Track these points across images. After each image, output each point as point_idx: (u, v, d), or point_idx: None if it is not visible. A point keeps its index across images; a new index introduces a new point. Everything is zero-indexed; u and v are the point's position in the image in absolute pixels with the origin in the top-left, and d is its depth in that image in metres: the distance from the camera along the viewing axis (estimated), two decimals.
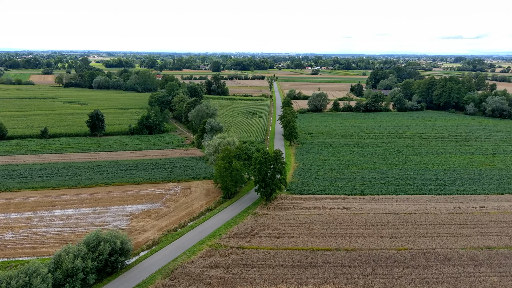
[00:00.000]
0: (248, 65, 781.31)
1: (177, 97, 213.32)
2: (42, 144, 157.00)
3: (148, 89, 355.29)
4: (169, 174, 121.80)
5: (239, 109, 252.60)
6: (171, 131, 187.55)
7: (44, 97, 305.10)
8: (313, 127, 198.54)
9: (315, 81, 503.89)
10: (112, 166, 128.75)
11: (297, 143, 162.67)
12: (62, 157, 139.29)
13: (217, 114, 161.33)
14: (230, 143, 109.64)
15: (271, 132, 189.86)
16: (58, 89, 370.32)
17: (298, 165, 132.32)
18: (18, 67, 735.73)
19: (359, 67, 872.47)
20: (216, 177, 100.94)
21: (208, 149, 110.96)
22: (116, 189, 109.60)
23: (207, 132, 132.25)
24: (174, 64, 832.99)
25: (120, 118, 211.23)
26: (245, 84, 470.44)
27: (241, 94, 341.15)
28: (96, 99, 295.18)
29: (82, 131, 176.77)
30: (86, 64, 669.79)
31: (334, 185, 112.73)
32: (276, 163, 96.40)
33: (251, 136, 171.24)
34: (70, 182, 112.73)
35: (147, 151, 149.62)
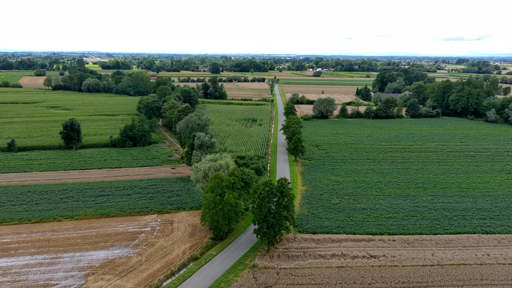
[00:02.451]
0: (248, 66, 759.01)
1: (168, 102, 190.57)
2: (7, 160, 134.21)
3: (141, 92, 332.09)
4: (149, 202, 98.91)
5: (238, 115, 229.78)
6: (159, 143, 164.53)
7: (28, 101, 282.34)
8: (320, 137, 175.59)
9: (317, 84, 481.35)
10: (81, 191, 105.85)
11: (303, 159, 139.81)
12: (25, 178, 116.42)
13: (210, 125, 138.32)
14: (222, 167, 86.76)
15: (272, 143, 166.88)
16: (45, 92, 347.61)
17: (307, 189, 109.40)
18: (11, 68, 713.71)
19: (362, 69, 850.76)
20: (203, 213, 78.00)
21: (196, 174, 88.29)
22: (78, 224, 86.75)
23: (196, 148, 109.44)
24: (172, 65, 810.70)
25: (103, 126, 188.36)
26: (244, 86, 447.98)
27: (240, 98, 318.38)
28: (82, 103, 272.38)
29: (57, 143, 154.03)
30: (82, 66, 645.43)
31: (353, 219, 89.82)
32: (281, 196, 73.56)
33: (250, 149, 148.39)
34: (23, 215, 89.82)
35: (126, 169, 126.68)
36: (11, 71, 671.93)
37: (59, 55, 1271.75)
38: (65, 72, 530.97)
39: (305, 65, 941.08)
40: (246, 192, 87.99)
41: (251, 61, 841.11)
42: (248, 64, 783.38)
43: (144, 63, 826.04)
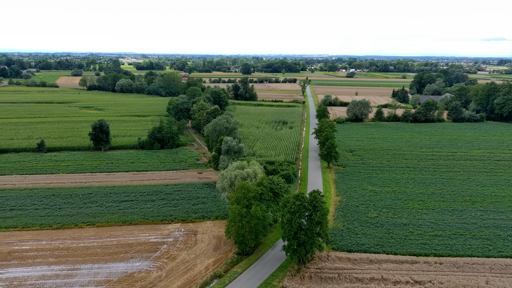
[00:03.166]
0: (280, 67, 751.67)
1: (197, 104, 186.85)
2: (35, 161, 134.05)
3: (172, 93, 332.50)
4: (173, 209, 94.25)
5: (268, 117, 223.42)
6: (187, 145, 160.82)
7: (62, 101, 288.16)
8: (354, 142, 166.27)
9: (351, 85, 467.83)
10: (105, 195, 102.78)
11: (336, 165, 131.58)
12: (51, 180, 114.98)
13: (238, 128, 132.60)
14: (250, 176, 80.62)
15: (304, 148, 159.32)
16: (79, 93, 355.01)
17: (341, 199, 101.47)
18: (50, 68, 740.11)
19: (397, 70, 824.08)
20: (228, 226, 72.09)
21: (222, 182, 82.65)
22: (100, 232, 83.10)
23: (223, 153, 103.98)
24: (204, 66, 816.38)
25: (133, 127, 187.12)
26: (275, 87, 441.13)
27: (271, 100, 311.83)
28: (114, 104, 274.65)
29: (86, 145, 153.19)
30: (117, 66, 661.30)
31: (394, 236, 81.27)
32: (314, 211, 66.43)
33: (280, 153, 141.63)
34: (45, 220, 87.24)
35: (153, 173, 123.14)
36: (50, 71, 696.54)
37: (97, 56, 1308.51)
38: (101, 73, 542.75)
39: (338, 65, 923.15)
40: (275, 203, 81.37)
41: (282, 61, 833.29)
42: (280, 64, 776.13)
43: (177, 63, 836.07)
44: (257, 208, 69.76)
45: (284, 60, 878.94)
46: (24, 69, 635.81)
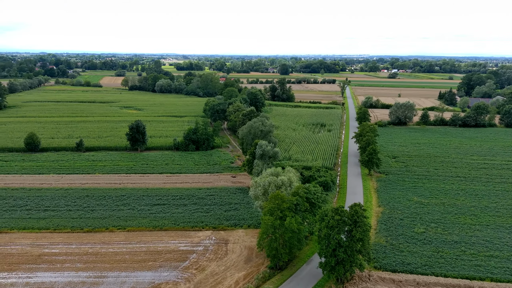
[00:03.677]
0: (318, 67, 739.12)
1: (233, 105, 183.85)
2: (73, 160, 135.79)
3: (210, 93, 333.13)
4: (204, 215, 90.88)
5: (305, 119, 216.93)
6: (222, 147, 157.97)
7: (104, 101, 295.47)
8: (398, 147, 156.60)
9: (393, 86, 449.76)
10: (138, 198, 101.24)
11: (378, 172, 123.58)
12: (86, 180, 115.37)
13: (274, 131, 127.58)
14: (285, 184, 75.49)
15: (343, 152, 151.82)
16: (121, 92, 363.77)
17: (384, 211, 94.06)
18: (95, 68, 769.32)
19: (443, 70, 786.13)
20: (260, 238, 67.38)
21: (255, 190, 78.13)
22: (130, 237, 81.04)
23: (257, 158, 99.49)
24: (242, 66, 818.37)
25: (169, 128, 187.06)
26: (314, 88, 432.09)
27: (309, 101, 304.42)
28: (153, 104, 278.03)
29: (123, 145, 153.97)
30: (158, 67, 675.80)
31: (444, 255, 73.30)
32: (355, 227, 60.31)
33: (317, 158, 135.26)
34: (76, 223, 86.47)
35: (186, 176, 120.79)
36: (95, 71, 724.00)
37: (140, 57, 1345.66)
38: (143, 73, 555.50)
39: (379, 66, 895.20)
40: (312, 214, 75.77)
41: (321, 62, 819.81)
42: (318, 65, 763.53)
43: (215, 64, 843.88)
44: (291, 221, 64.57)
45: (323, 61, 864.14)
46: (71, 69, 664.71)
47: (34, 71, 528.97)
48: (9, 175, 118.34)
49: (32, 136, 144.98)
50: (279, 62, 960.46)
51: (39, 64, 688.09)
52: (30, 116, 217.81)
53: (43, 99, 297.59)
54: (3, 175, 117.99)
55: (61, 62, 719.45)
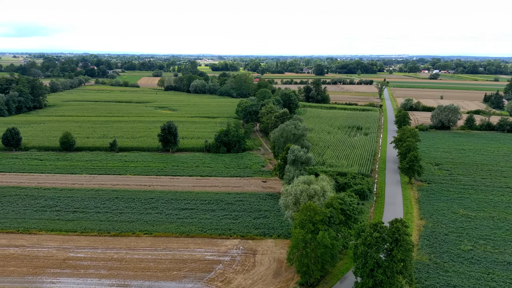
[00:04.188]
0: (355, 68, 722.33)
1: (266, 107, 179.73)
2: (106, 160, 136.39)
3: (243, 94, 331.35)
4: (233, 222, 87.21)
5: (341, 122, 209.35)
6: (253, 149, 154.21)
7: (140, 101, 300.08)
8: (441, 153, 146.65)
9: (434, 88, 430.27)
10: (166, 201, 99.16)
11: (420, 181, 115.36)
12: (117, 181, 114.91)
13: (307, 134, 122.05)
14: (317, 193, 70.31)
15: (380, 158, 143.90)
16: (157, 93, 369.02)
17: (426, 224, 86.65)
18: (134, 69, 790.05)
19: (488, 71, 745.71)
20: (290, 253, 62.65)
21: (285, 199, 73.48)
22: (156, 243, 78.62)
23: (289, 163, 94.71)
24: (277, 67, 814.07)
25: (201, 129, 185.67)
26: (350, 89, 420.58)
27: (344, 102, 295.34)
28: (187, 104, 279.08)
29: (155, 146, 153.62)
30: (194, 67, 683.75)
31: (495, 278, 65.59)
32: (396, 246, 54.35)
33: (353, 164, 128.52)
34: (104, 226, 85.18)
35: (216, 179, 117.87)
36: (134, 71, 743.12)
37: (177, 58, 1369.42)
38: (179, 74, 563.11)
39: (420, 66, 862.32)
40: (347, 226, 70.16)
41: (358, 62, 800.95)
42: (355, 65, 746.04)
43: (250, 65, 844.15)
44: (324, 235, 59.43)
45: (360, 61, 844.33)
46: (111, 69, 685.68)
47: (76, 71, 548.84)
48: (42, 174, 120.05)
49: (67, 136, 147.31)
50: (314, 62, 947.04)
51: (81, 64, 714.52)
52: (68, 115, 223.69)
53: (82, 99, 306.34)
54: (37, 174, 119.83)
55: (102, 62, 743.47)
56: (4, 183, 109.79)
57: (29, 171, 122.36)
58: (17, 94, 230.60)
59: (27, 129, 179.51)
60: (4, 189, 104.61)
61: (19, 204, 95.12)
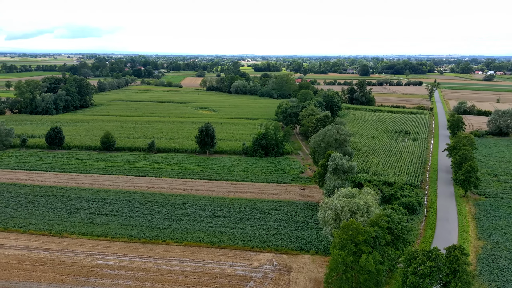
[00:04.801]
0: (403, 68, 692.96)
1: (307, 109, 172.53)
2: (144, 161, 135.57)
3: (284, 95, 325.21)
4: (267, 234, 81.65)
5: (387, 125, 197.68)
6: (292, 154, 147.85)
7: (182, 101, 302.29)
8: (499, 163, 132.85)
9: (490, 90, 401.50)
10: (199, 207, 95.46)
11: (476, 194, 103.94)
12: (152, 184, 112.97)
13: (350, 140, 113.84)
14: (361, 209, 63.08)
15: (431, 166, 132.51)
16: (198, 93, 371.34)
17: (485, 245, 76.53)
18: (179, 69, 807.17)
19: None
20: (329, 276, 56.11)
21: (324, 213, 66.78)
22: (186, 253, 74.70)
23: (329, 171, 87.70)
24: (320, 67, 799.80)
25: (240, 131, 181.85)
26: (397, 91, 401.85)
27: (391, 105, 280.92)
28: (227, 105, 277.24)
29: (193, 147, 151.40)
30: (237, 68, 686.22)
31: None
32: (454, 278, 46.41)
33: (400, 172, 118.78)
34: (135, 231, 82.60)
35: (252, 185, 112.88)
36: (178, 72, 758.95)
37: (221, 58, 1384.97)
38: (221, 74, 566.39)
39: (473, 67, 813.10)
40: (394, 247, 62.42)
41: (406, 62, 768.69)
42: (403, 65, 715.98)
43: (293, 65, 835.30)
44: (368, 258, 52.43)
45: (408, 61, 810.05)
46: (157, 69, 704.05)
47: (124, 71, 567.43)
48: (81, 174, 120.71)
49: (107, 136, 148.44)
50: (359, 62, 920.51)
51: (129, 65, 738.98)
52: (112, 115, 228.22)
53: (127, 98, 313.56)
54: (76, 174, 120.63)
55: (149, 63, 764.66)
56: (43, 183, 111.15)
57: (68, 171, 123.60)
58: (64, 93, 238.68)
59: (71, 128, 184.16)
60: (42, 189, 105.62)
61: (55, 205, 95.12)
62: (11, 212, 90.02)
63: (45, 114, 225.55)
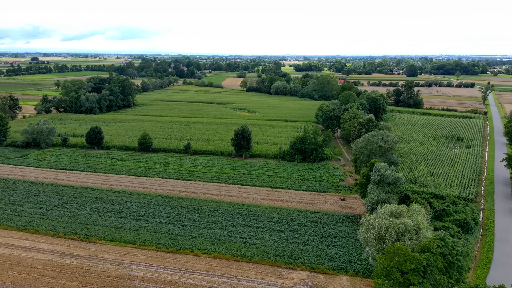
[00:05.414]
0: (453, 69, 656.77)
1: (349, 112, 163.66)
2: (179, 164, 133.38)
3: (326, 96, 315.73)
4: (302, 249, 75.41)
5: (436, 130, 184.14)
6: (332, 159, 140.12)
7: (221, 102, 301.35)
8: None
9: None
10: (231, 215, 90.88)
11: None
12: (185, 188, 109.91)
13: (396, 147, 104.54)
14: (409, 230, 55.31)
15: (487, 178, 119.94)
16: (238, 94, 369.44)
17: None
18: (220, 70, 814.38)
19: None
20: None
21: (366, 232, 59.48)
22: (214, 266, 70.17)
23: (373, 183, 79.96)
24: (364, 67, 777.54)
25: (278, 134, 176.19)
26: (447, 93, 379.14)
27: (441, 108, 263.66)
28: (266, 106, 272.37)
29: (229, 150, 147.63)
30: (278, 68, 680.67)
31: None
32: None
33: (452, 184, 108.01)
34: (163, 239, 79.29)
35: (287, 192, 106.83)
36: (220, 72, 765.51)
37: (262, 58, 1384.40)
38: (262, 75, 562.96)
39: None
40: (447, 276, 54.20)
41: (457, 62, 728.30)
42: (453, 66, 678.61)
43: (335, 65, 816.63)
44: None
45: (459, 61, 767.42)
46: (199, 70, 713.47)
47: (167, 72, 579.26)
48: (116, 175, 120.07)
49: (144, 136, 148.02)
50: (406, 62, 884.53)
51: (172, 65, 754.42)
52: (152, 115, 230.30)
53: (168, 99, 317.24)
54: (111, 175, 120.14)
55: (192, 63, 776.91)
56: (78, 183, 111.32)
57: (105, 171, 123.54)
58: (108, 93, 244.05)
59: (112, 128, 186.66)
60: (77, 190, 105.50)
61: (87, 207, 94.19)
62: (44, 213, 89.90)
63: (89, 113, 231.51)
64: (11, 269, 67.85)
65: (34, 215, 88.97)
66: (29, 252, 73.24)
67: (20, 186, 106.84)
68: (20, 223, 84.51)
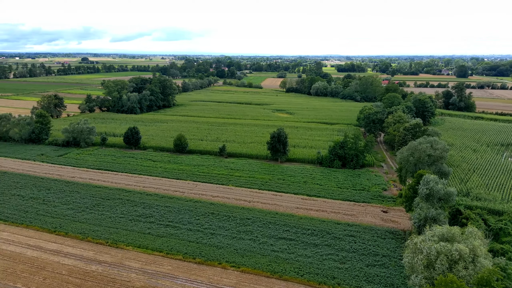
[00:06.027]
0: (507, 70, 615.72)
1: (394, 115, 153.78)
2: (213, 166, 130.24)
3: (369, 98, 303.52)
4: (338, 267, 69.02)
5: (490, 136, 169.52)
6: (374, 166, 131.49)
7: (259, 102, 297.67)
8: None
9: None
10: (263, 225, 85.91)
11: None
12: (217, 193, 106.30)
13: (446, 157, 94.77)
14: (464, 258, 47.60)
15: None
16: (277, 95, 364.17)
17: None
18: (261, 70, 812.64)
19: None
20: None
21: (412, 257, 52.26)
22: (242, 281, 65.55)
23: (420, 196, 71.93)
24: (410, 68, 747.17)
25: (316, 137, 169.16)
26: (501, 95, 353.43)
27: (494, 112, 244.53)
28: (305, 108, 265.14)
29: (264, 153, 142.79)
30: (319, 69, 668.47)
31: None
32: None
33: (509, 198, 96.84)
34: (191, 249, 75.65)
35: (325, 201, 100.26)
36: (260, 72, 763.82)
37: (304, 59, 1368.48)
38: (303, 75, 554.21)
39: None
40: None
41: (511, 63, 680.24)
42: (508, 67, 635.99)
43: (379, 65, 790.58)
44: None
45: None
46: (240, 70, 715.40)
47: (208, 72, 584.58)
48: (150, 177, 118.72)
49: (180, 138, 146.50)
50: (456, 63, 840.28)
51: (214, 65, 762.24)
52: (190, 115, 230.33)
53: (207, 99, 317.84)
54: (145, 176, 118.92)
55: (233, 64, 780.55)
56: (113, 184, 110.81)
57: (139, 173, 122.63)
58: (149, 93, 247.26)
59: (150, 128, 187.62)
60: (111, 191, 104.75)
61: (118, 210, 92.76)
62: (75, 215, 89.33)
63: (130, 113, 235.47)
64: (37, 273, 66.82)
65: (66, 216, 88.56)
66: (56, 256, 72.11)
67: (56, 186, 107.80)
68: (51, 225, 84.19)
